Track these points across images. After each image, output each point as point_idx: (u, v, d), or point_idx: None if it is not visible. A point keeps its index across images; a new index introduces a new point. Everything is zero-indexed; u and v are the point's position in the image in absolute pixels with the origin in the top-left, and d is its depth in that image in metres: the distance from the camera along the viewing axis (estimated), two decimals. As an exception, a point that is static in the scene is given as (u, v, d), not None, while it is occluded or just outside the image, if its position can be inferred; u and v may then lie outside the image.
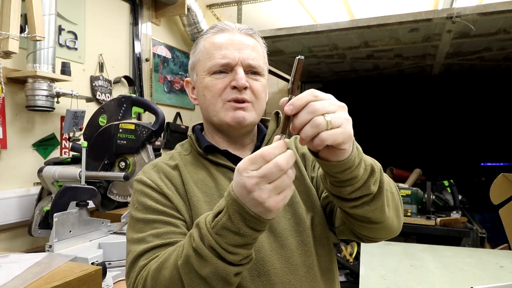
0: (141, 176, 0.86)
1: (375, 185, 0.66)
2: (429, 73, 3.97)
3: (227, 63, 0.83)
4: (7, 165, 1.92)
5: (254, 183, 0.54)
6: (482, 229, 2.60)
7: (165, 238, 0.74)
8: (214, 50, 0.85)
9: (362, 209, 0.67)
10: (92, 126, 1.94)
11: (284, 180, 0.55)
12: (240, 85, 0.82)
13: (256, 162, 0.56)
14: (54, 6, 1.96)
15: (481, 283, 1.45)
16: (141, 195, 0.82)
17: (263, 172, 0.54)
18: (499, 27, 2.40)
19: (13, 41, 1.63)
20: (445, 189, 3.04)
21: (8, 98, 1.92)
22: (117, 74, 2.65)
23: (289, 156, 0.56)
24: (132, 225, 0.80)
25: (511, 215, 2.21)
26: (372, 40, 2.77)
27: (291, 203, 0.85)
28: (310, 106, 0.56)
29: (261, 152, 0.56)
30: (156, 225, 0.77)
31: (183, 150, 0.93)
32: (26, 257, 1.40)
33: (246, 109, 0.84)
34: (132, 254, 0.75)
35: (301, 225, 0.83)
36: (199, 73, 0.88)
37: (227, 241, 0.60)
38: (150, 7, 2.97)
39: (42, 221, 1.79)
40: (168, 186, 0.83)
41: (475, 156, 4.63)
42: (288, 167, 0.55)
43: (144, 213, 0.79)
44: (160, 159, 0.91)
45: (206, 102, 0.86)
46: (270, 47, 3.37)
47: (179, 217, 0.79)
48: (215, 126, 0.88)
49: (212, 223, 0.61)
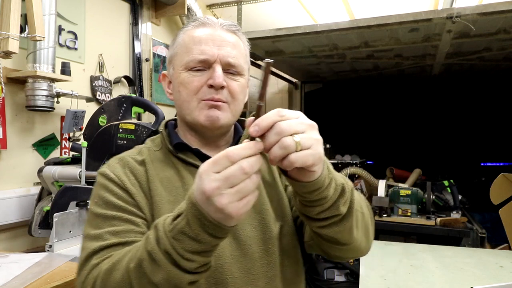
0: (104, 169, 0.81)
1: (345, 206, 0.64)
2: (429, 73, 3.97)
3: (205, 59, 0.79)
4: (7, 165, 1.92)
5: (214, 187, 0.51)
6: (482, 229, 2.60)
7: (123, 236, 0.71)
8: (193, 44, 0.80)
9: (330, 229, 0.65)
10: (92, 126, 1.94)
11: (247, 185, 0.52)
12: (217, 84, 0.78)
13: (219, 163, 0.52)
14: (54, 6, 1.96)
15: (481, 283, 1.45)
16: (103, 189, 0.78)
17: (225, 175, 0.51)
18: (499, 27, 2.40)
19: (13, 41, 1.63)
20: (445, 189, 3.04)
21: (8, 98, 1.92)
22: (117, 74, 2.65)
23: (255, 160, 0.52)
24: (90, 220, 0.76)
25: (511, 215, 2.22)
26: (372, 40, 2.77)
27: (259, 209, 0.81)
28: (277, 127, 0.53)
29: (226, 152, 0.52)
30: (114, 222, 0.72)
31: (154, 145, 0.88)
32: (26, 257, 1.40)
33: (221, 109, 0.80)
34: (86, 251, 0.70)
35: (268, 234, 0.79)
36: (176, 68, 0.83)
37: (183, 247, 0.56)
38: (150, 7, 2.97)
39: (42, 221, 1.79)
40: (132, 182, 0.79)
41: (475, 156, 4.63)
42: (253, 171, 0.52)
43: (104, 209, 0.75)
44: (128, 153, 0.86)
45: (181, 99, 0.82)
46: (270, 47, 3.38)
47: (140, 215, 0.75)
48: (189, 124, 0.84)
49: (170, 226, 0.58)
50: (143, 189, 0.78)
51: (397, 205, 2.83)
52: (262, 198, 0.82)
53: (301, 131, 0.54)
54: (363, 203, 0.75)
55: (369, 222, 0.77)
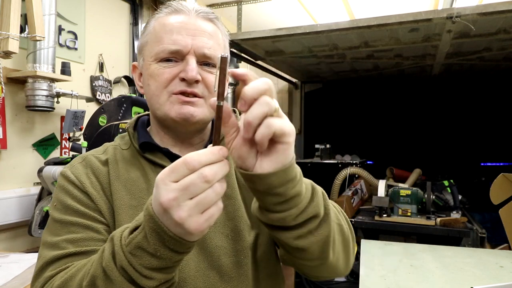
0: (65, 170, 0.74)
1: (321, 207, 0.57)
2: (429, 73, 3.97)
3: (177, 50, 0.71)
4: (7, 165, 1.92)
5: (171, 198, 0.45)
6: (482, 229, 2.60)
7: (81, 245, 0.64)
8: (164, 33, 0.72)
9: (306, 239, 0.56)
10: (92, 126, 1.94)
11: (209, 195, 0.46)
12: (190, 78, 0.69)
13: (177, 171, 0.46)
14: (54, 6, 1.96)
15: (481, 283, 1.45)
16: (62, 192, 0.71)
17: (184, 184, 0.45)
18: (499, 27, 2.40)
19: (13, 41, 1.63)
20: (445, 189, 3.04)
21: (8, 98, 1.92)
22: (117, 74, 2.65)
23: (219, 167, 0.47)
24: (49, 226, 0.69)
25: (511, 215, 2.22)
26: (372, 40, 2.77)
27: (232, 216, 0.72)
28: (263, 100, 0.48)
29: (184, 159, 0.46)
30: (73, 229, 0.66)
31: (123, 143, 0.80)
32: (26, 257, 1.41)
33: (195, 105, 0.71)
34: (41, 260, 0.64)
35: (240, 243, 0.71)
36: (146, 59, 0.75)
37: (141, 263, 0.50)
38: (150, 7, 2.97)
39: (42, 221, 1.79)
40: (94, 184, 0.72)
41: (475, 156, 4.63)
42: (216, 179, 0.46)
43: (63, 214, 0.68)
44: (93, 151, 0.79)
45: (150, 92, 0.74)
46: (270, 47, 3.39)
47: (101, 221, 0.69)
48: (160, 120, 0.76)
49: (127, 239, 0.52)
50: (105, 192, 0.72)
51: (397, 205, 2.83)
52: (237, 203, 0.74)
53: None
54: (341, 216, 0.68)
55: (349, 237, 0.68)
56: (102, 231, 0.68)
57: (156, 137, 0.79)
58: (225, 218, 0.72)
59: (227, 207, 0.72)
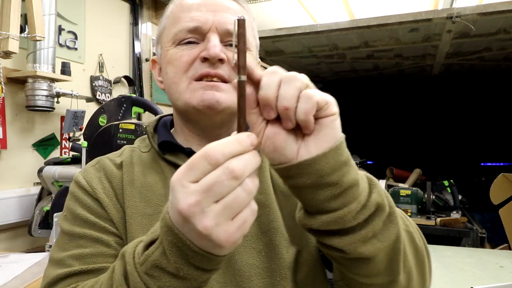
0: (78, 174, 0.66)
1: (384, 200, 0.45)
2: (429, 73, 3.97)
3: (195, 27, 0.61)
4: (7, 165, 1.92)
5: (192, 203, 0.35)
6: (482, 229, 2.60)
7: (89, 262, 0.56)
8: (182, 12, 0.63)
9: (371, 245, 0.44)
10: (92, 126, 1.94)
11: (239, 196, 0.35)
12: (212, 55, 0.58)
13: (196, 167, 0.36)
14: (54, 6, 1.96)
15: (481, 283, 1.45)
16: (72, 199, 0.64)
17: (206, 184, 0.35)
18: (499, 27, 2.40)
19: (13, 41, 1.63)
20: (445, 189, 3.04)
21: (8, 98, 1.92)
22: (117, 74, 2.65)
23: (249, 158, 0.36)
24: (58, 239, 0.62)
25: (511, 215, 2.22)
26: (372, 40, 2.77)
27: (266, 228, 0.59)
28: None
29: (204, 151, 0.36)
30: (81, 242, 0.58)
31: (143, 146, 0.71)
32: (26, 257, 1.41)
33: (221, 89, 0.60)
34: (45, 280, 0.56)
35: (276, 262, 0.58)
36: (164, 45, 0.66)
37: (161, 285, 0.41)
38: (150, 7, 2.97)
39: (42, 221, 1.79)
40: (106, 189, 0.63)
41: (475, 156, 4.64)
42: (246, 174, 0.36)
43: (72, 224, 0.60)
44: (110, 154, 0.71)
45: (169, 81, 0.64)
46: (270, 47, 3.38)
47: (113, 232, 0.60)
48: (181, 112, 0.66)
49: (142, 257, 0.42)
50: (118, 199, 0.63)
51: (397, 205, 2.81)
52: (272, 212, 0.61)
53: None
54: (408, 222, 0.53)
55: (423, 251, 0.53)
56: (113, 244, 0.59)
57: (180, 136, 0.69)
58: (258, 230, 0.60)
59: (260, 217, 0.60)
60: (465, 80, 4.32)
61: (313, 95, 0.39)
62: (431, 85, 4.51)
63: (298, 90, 0.39)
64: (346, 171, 0.41)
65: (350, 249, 0.43)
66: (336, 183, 0.41)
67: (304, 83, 0.39)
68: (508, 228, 2.22)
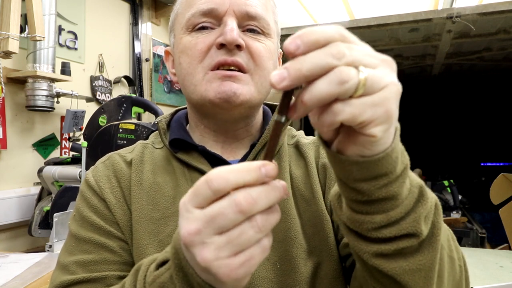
0: (88, 172, 0.62)
1: (427, 224, 0.37)
2: (429, 73, 3.97)
3: (210, 9, 0.55)
4: (7, 165, 1.92)
5: (193, 231, 0.31)
6: (482, 229, 2.60)
7: (92, 270, 0.53)
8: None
9: (394, 262, 0.38)
10: (92, 126, 1.94)
11: (245, 232, 0.31)
12: (229, 41, 0.52)
13: (199, 192, 0.32)
14: (54, 6, 1.96)
15: (481, 283, 1.45)
16: (81, 199, 0.59)
17: (210, 213, 0.31)
18: (499, 27, 2.40)
19: (13, 41, 1.63)
20: (445, 189, 3.04)
21: (8, 98, 1.92)
22: (117, 74, 2.65)
23: (263, 192, 0.31)
24: (66, 240, 0.59)
25: (511, 215, 2.21)
26: (372, 40, 2.77)
27: (282, 237, 0.54)
28: (334, 46, 0.30)
29: (207, 176, 0.32)
30: (86, 247, 0.55)
31: (157, 141, 0.65)
32: (26, 257, 1.40)
33: (239, 80, 0.54)
34: (52, 284, 0.55)
35: (292, 276, 0.53)
36: (177, 33, 0.60)
37: None
38: (150, 7, 2.98)
39: (42, 221, 1.79)
40: (114, 189, 0.59)
41: (475, 156, 4.64)
42: (255, 210, 0.31)
43: (79, 226, 0.57)
44: (122, 149, 0.66)
45: (183, 72, 0.57)
46: (270, 47, 3.38)
47: (118, 236, 0.56)
48: (196, 106, 0.60)
49: (151, 276, 0.40)
50: (125, 200, 0.58)
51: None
52: (289, 219, 0.55)
53: (371, 65, 0.31)
54: (453, 242, 0.47)
55: (462, 279, 0.47)
56: (118, 250, 0.55)
57: (195, 133, 0.63)
58: (273, 239, 0.54)
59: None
60: (465, 80, 4.32)
61: (341, 111, 0.30)
62: (431, 85, 4.51)
63: (332, 96, 0.30)
64: (381, 184, 0.35)
65: (366, 258, 0.39)
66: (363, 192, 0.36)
67: (353, 85, 0.30)
68: (508, 228, 2.22)
